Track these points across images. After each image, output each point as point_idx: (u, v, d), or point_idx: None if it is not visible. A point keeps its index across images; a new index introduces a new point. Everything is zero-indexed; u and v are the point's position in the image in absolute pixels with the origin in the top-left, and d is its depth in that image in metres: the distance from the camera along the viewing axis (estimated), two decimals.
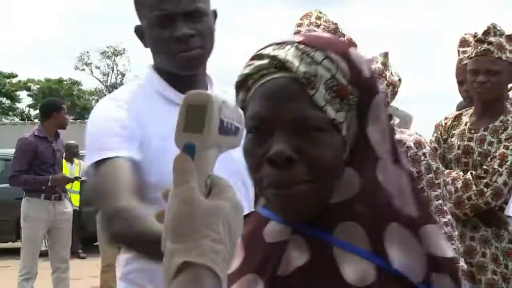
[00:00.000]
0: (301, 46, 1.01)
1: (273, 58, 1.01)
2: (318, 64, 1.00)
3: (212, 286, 0.76)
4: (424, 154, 2.78)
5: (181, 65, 1.87)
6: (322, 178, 0.99)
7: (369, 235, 1.00)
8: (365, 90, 1.03)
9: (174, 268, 0.76)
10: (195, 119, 0.82)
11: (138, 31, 1.95)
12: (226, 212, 0.81)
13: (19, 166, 6.57)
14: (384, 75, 2.92)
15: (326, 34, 1.12)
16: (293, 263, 1.00)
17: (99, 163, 1.74)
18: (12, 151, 7.14)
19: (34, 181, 6.56)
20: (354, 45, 1.10)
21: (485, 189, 3.03)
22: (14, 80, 42.75)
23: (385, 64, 2.99)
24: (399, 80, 3.08)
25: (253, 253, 1.06)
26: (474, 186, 3.05)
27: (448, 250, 1.05)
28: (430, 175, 2.77)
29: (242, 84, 1.05)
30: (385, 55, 3.05)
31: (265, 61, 1.02)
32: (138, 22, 1.95)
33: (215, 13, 1.95)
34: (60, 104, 6.93)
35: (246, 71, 1.04)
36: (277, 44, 1.04)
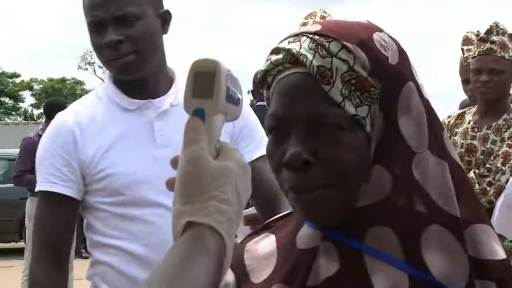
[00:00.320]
0: (316, 37, 0.94)
1: (288, 52, 0.95)
2: (333, 56, 0.92)
3: (214, 245, 0.75)
4: None
5: (117, 71, 1.87)
6: (343, 182, 0.92)
7: (402, 240, 0.92)
8: (391, 79, 0.94)
9: (179, 228, 0.76)
10: (203, 85, 0.82)
11: None
12: (234, 174, 0.80)
13: (23, 165, 6.59)
14: None
15: (350, 19, 1.01)
16: (322, 273, 0.95)
17: (43, 194, 1.90)
18: (15, 151, 7.15)
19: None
20: (379, 29, 0.99)
21: (488, 188, 3.03)
22: (17, 80, 42.80)
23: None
24: None
25: (285, 260, 1.01)
26: (477, 185, 3.04)
27: (498, 251, 0.96)
28: None
29: (263, 81, 0.99)
30: None
31: (280, 56, 0.96)
32: None
33: (167, 14, 1.91)
34: (63, 103, 6.92)
35: (264, 67, 0.98)
36: (294, 35, 0.97)
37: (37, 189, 1.91)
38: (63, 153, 1.88)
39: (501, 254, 0.97)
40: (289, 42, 0.96)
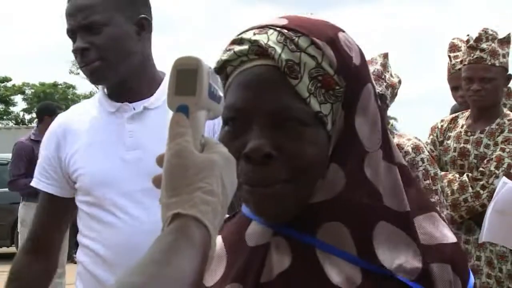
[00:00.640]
0: (285, 31, 0.93)
1: (254, 43, 0.93)
2: (302, 51, 0.92)
3: (199, 236, 0.75)
4: (422, 159, 2.77)
5: (87, 77, 1.94)
6: (302, 177, 0.92)
7: (354, 235, 0.94)
8: (353, 79, 0.95)
9: (165, 221, 0.76)
10: (186, 83, 0.82)
11: None
12: (219, 166, 0.80)
13: (17, 170, 6.61)
14: (383, 76, 2.90)
15: (313, 17, 1.01)
16: (275, 268, 0.95)
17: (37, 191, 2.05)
18: (6, 155, 7.14)
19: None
20: (341, 29, 0.99)
21: (481, 191, 3.03)
22: (8, 84, 42.66)
23: (384, 66, 2.97)
24: (399, 81, 3.07)
25: (236, 259, 1.00)
26: (470, 188, 3.05)
27: (447, 235, 0.99)
28: (428, 182, 2.75)
29: (220, 71, 0.97)
30: (385, 56, 3.03)
31: (245, 47, 0.94)
32: None
33: (144, 20, 1.94)
34: (53, 108, 6.91)
35: (225, 57, 0.96)
36: (259, 27, 0.96)
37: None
38: (47, 153, 1.99)
39: (451, 238, 0.99)
40: (254, 34, 0.94)
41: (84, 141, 1.93)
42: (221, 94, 0.87)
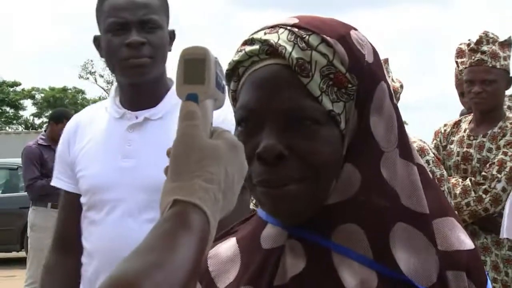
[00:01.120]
0: (295, 29, 0.92)
1: (264, 43, 0.92)
2: (313, 49, 0.91)
3: (197, 222, 0.75)
4: (427, 161, 2.74)
5: (128, 71, 1.94)
6: (316, 177, 0.91)
7: (370, 238, 0.92)
8: (366, 77, 0.93)
9: (164, 206, 0.77)
10: (194, 72, 0.83)
11: (96, 40, 2.03)
12: (223, 153, 0.79)
13: (32, 173, 6.56)
14: None
15: (324, 16, 0.99)
16: (289, 271, 0.93)
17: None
18: (16, 160, 7.14)
19: (50, 186, 6.53)
20: (354, 28, 0.98)
21: (483, 196, 3.03)
22: (18, 89, 42.76)
23: (385, 70, 2.99)
24: (401, 86, 3.08)
25: (250, 261, 0.99)
26: (473, 193, 3.05)
27: (465, 241, 0.97)
28: None
29: (233, 72, 0.96)
30: (385, 61, 3.04)
31: (256, 47, 0.93)
32: None
33: (173, 33, 2.03)
34: (57, 114, 6.87)
35: (236, 57, 0.95)
36: (270, 27, 0.95)
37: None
38: (60, 151, 2.07)
39: (469, 244, 0.97)
40: (265, 33, 0.94)
41: (89, 142, 1.98)
42: (225, 83, 0.88)
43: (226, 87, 0.88)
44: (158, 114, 1.94)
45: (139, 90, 1.97)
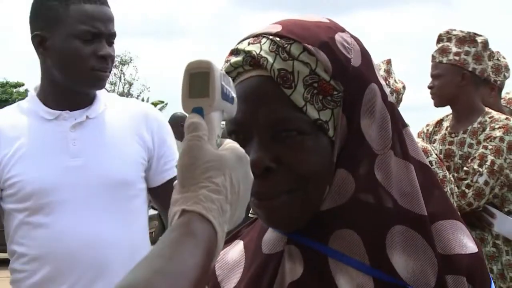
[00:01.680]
0: (277, 39, 0.92)
1: (247, 54, 0.92)
2: (294, 59, 0.90)
3: (202, 231, 0.75)
4: (430, 162, 2.74)
5: (93, 81, 1.99)
6: (306, 186, 0.91)
7: (366, 242, 0.92)
8: (353, 81, 0.92)
9: (172, 216, 0.77)
10: (199, 85, 0.83)
11: (40, 37, 2.01)
12: (228, 164, 0.80)
13: None
14: (387, 82, 2.92)
15: (311, 18, 0.98)
16: (288, 277, 0.94)
17: None
18: None
19: None
20: (341, 29, 0.97)
21: (466, 190, 3.02)
22: (21, 89, 42.62)
23: (388, 71, 3.00)
24: (403, 87, 3.10)
25: (251, 266, 1.00)
26: (456, 188, 3.05)
27: (467, 245, 0.95)
28: None
29: None
30: (388, 62, 3.06)
31: (240, 58, 0.93)
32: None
33: None
34: None
35: (224, 68, 0.96)
36: (254, 36, 0.95)
37: None
38: None
39: (471, 248, 0.95)
40: (249, 44, 0.94)
41: (21, 148, 1.96)
42: (234, 95, 0.87)
43: (236, 99, 0.87)
44: (96, 112, 1.99)
45: (81, 93, 2.02)
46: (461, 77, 3.20)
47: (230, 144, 0.83)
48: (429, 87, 3.25)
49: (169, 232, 0.75)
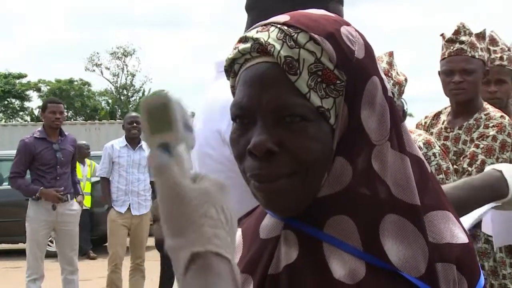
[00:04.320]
0: (285, 28, 0.95)
1: (256, 41, 0.95)
2: (301, 47, 0.93)
3: (224, 269, 0.76)
4: (434, 154, 2.74)
5: None
6: (306, 172, 0.93)
7: (360, 229, 0.95)
8: (356, 72, 0.96)
9: (184, 262, 0.76)
10: (159, 120, 0.81)
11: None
12: (214, 196, 0.80)
13: (16, 168, 6.68)
14: (389, 74, 2.95)
15: (318, 12, 1.01)
16: (283, 261, 0.97)
17: None
18: None
19: (25, 188, 6.66)
20: (346, 23, 1.00)
21: None
22: (24, 81, 42.73)
23: (390, 64, 3.03)
24: (405, 79, 3.13)
25: (249, 250, 1.03)
26: None
27: (458, 236, 0.99)
28: (441, 176, 2.71)
29: (230, 69, 1.00)
30: (390, 54, 3.08)
31: (248, 45, 0.96)
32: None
33: None
34: (45, 103, 6.90)
35: (231, 55, 0.98)
36: (263, 25, 0.98)
37: None
38: None
39: (462, 239, 0.99)
40: (257, 32, 0.97)
41: None
42: (191, 123, 0.86)
43: (193, 129, 0.87)
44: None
45: None
46: (484, 74, 3.14)
47: (205, 176, 0.84)
48: (459, 82, 3.10)
49: (194, 279, 0.75)
